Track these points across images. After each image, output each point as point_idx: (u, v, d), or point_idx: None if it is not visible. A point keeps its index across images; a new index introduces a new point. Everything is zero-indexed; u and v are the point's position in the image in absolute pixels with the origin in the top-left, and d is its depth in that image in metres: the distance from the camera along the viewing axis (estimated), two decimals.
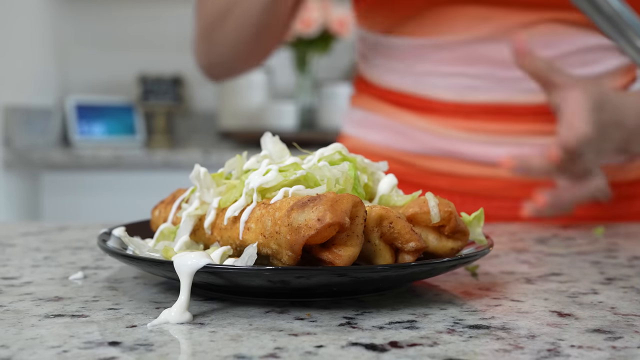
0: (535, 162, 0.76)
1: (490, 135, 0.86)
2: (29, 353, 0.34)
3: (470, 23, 0.84)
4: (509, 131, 0.86)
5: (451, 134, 0.87)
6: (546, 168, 0.76)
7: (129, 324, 0.39)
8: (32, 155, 2.09)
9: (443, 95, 0.88)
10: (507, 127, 0.86)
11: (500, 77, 0.85)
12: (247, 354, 0.34)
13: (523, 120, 0.86)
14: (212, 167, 0.53)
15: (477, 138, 0.87)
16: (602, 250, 0.65)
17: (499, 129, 0.86)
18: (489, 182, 0.87)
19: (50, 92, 2.44)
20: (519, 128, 0.86)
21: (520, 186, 0.86)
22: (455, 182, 0.88)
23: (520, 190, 0.86)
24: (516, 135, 0.86)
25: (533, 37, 0.83)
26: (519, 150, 0.85)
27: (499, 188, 0.87)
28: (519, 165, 0.76)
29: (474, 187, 0.87)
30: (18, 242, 0.68)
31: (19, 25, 2.20)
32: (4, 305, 0.43)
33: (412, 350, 0.35)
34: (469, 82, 0.86)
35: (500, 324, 0.40)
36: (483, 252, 0.47)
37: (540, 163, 0.76)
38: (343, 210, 0.40)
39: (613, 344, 0.36)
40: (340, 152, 0.50)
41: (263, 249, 0.43)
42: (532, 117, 0.86)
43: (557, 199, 0.76)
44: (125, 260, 0.45)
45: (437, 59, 0.87)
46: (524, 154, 0.78)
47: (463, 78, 0.86)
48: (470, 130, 0.87)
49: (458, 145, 0.87)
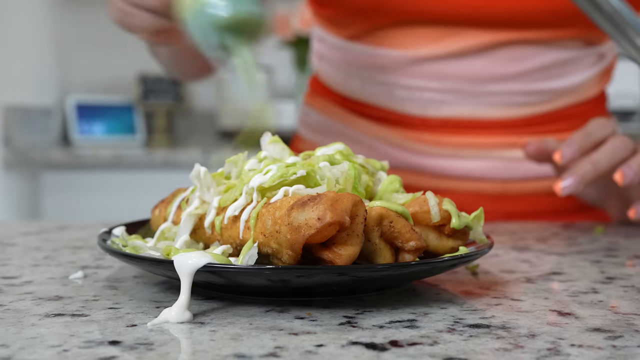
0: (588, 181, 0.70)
1: (457, 148, 0.85)
2: (29, 352, 0.34)
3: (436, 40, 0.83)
4: (476, 144, 0.85)
5: (417, 147, 0.86)
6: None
7: (129, 323, 0.39)
8: (32, 155, 2.09)
9: (406, 108, 0.86)
10: (473, 140, 0.85)
11: (467, 92, 0.84)
12: (247, 353, 0.34)
13: (490, 134, 0.85)
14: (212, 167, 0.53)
15: (443, 152, 0.85)
16: (602, 250, 0.65)
17: (465, 143, 0.85)
18: (457, 196, 0.85)
19: (51, 91, 2.44)
20: (486, 141, 0.85)
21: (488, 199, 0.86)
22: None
23: (489, 203, 0.85)
24: (483, 148, 0.85)
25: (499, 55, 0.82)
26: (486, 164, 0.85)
27: (466, 202, 0.85)
28: (572, 187, 0.69)
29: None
30: (18, 241, 0.68)
31: (19, 25, 2.20)
32: (4, 304, 0.43)
33: (412, 349, 0.35)
34: (434, 96, 0.85)
35: (501, 323, 0.40)
36: (483, 251, 0.47)
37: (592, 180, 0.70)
38: (343, 209, 0.40)
39: (613, 343, 0.36)
40: (341, 152, 0.50)
41: (263, 248, 0.43)
42: (499, 130, 0.85)
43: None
44: (126, 259, 0.45)
45: (401, 72, 0.85)
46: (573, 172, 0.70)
47: (427, 92, 0.85)
48: (436, 144, 0.85)
49: (424, 159, 0.86)
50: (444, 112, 0.85)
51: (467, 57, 0.83)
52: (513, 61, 0.83)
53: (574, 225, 0.81)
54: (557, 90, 0.85)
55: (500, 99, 0.84)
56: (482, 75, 0.83)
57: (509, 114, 0.85)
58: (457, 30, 0.82)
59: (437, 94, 0.85)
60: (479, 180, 0.86)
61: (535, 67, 0.84)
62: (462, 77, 0.84)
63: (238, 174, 0.51)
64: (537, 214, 0.87)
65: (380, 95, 0.87)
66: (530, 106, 0.85)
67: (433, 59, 0.84)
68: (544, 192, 0.87)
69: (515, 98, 0.84)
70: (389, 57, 0.85)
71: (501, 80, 0.83)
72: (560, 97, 0.86)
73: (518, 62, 0.83)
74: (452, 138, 0.85)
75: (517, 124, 0.85)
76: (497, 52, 0.83)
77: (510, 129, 0.85)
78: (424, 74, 0.84)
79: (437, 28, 0.83)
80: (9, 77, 2.12)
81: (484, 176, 0.85)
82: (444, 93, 0.84)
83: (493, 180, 0.85)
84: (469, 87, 0.84)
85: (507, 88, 0.84)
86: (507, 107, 0.84)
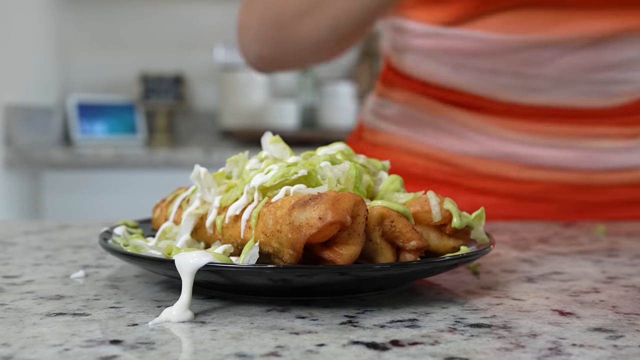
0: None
1: (548, 137, 0.83)
2: (30, 352, 0.34)
3: (546, 26, 0.79)
4: (565, 133, 0.83)
5: (509, 136, 0.84)
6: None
7: (131, 322, 0.39)
8: (33, 154, 2.09)
9: (502, 95, 0.83)
10: (565, 129, 0.83)
11: (565, 80, 0.81)
12: (248, 352, 0.34)
13: (580, 123, 0.83)
14: (213, 166, 0.53)
15: (534, 140, 0.83)
16: (603, 249, 0.65)
17: (556, 131, 0.83)
18: (539, 185, 0.84)
19: (52, 91, 2.45)
20: (575, 130, 0.83)
21: (570, 189, 0.85)
22: (508, 185, 0.85)
23: (570, 193, 0.84)
24: (574, 137, 0.83)
25: (606, 44, 0.79)
26: (573, 154, 0.83)
27: (553, 191, 0.84)
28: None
29: (528, 190, 0.84)
30: (19, 240, 0.68)
31: (21, 24, 2.20)
32: (6, 303, 0.43)
33: (413, 349, 0.35)
34: (531, 83, 0.82)
35: (502, 322, 0.40)
36: (484, 250, 0.47)
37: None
38: (344, 208, 0.40)
39: (614, 343, 0.36)
40: (342, 152, 0.50)
41: (264, 247, 0.43)
42: (590, 119, 0.83)
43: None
44: (127, 258, 0.45)
45: (499, 57, 0.81)
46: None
47: (525, 79, 0.82)
48: (528, 132, 0.83)
49: (516, 148, 0.84)
50: (540, 99, 0.82)
51: (579, 47, 0.79)
52: (611, 51, 0.80)
53: (575, 224, 0.81)
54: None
55: (598, 87, 0.81)
56: (588, 66, 0.80)
57: (603, 103, 0.83)
58: (571, 16, 0.79)
59: (534, 81, 0.81)
60: (567, 171, 0.84)
61: (630, 57, 0.81)
62: (567, 67, 0.80)
63: (239, 173, 0.51)
64: (616, 205, 0.86)
65: (476, 82, 0.84)
66: (624, 96, 0.83)
67: (532, 46, 0.80)
68: (626, 184, 0.85)
69: (609, 87, 0.82)
70: (486, 41, 0.81)
71: (603, 69, 0.81)
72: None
73: (616, 52, 0.80)
74: (544, 126, 0.83)
75: (609, 113, 0.83)
76: (611, 43, 0.79)
77: (603, 119, 0.83)
78: (522, 60, 0.81)
79: (549, 12, 0.79)
80: (10, 76, 2.12)
81: (569, 166, 0.84)
82: (543, 79, 0.81)
83: (580, 171, 0.84)
84: (570, 76, 0.81)
85: (606, 77, 0.82)
86: (603, 96, 0.82)
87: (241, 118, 2.45)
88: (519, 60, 0.81)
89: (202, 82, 2.62)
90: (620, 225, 0.81)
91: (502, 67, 0.82)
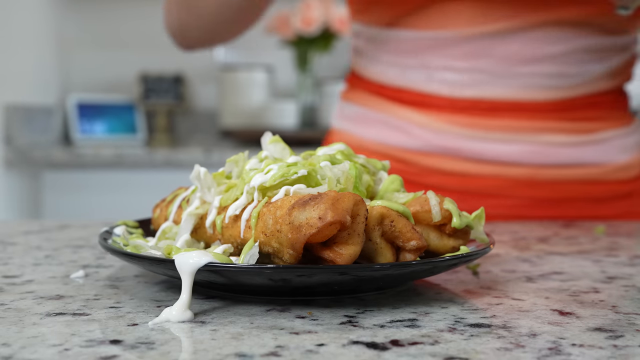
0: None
1: (490, 131, 0.86)
2: (30, 351, 0.34)
3: (475, 19, 0.84)
4: (509, 127, 0.85)
5: (452, 130, 0.86)
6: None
7: (130, 322, 0.39)
8: (33, 154, 2.09)
9: (444, 90, 0.87)
10: (507, 123, 0.85)
11: (502, 73, 0.85)
12: (248, 352, 0.34)
13: (524, 117, 0.85)
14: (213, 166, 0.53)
15: (477, 134, 0.86)
16: (603, 249, 0.65)
17: (499, 125, 0.85)
18: (490, 180, 0.86)
19: (52, 90, 2.45)
20: (520, 125, 0.85)
21: (522, 184, 0.86)
22: (455, 180, 0.87)
23: (522, 189, 0.86)
24: (516, 132, 0.85)
25: (532, 35, 0.83)
26: (519, 148, 0.85)
27: (500, 186, 0.86)
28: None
29: (475, 185, 0.87)
30: (19, 240, 0.68)
31: (21, 24, 2.20)
32: (6, 303, 0.43)
33: (413, 348, 0.35)
34: (470, 77, 0.85)
35: (502, 322, 0.40)
36: (484, 250, 0.47)
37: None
38: (344, 208, 0.40)
39: (614, 343, 0.36)
40: (342, 152, 0.50)
41: (264, 247, 0.43)
42: (533, 113, 0.85)
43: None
44: (127, 258, 0.45)
45: (439, 54, 0.86)
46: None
47: (464, 73, 0.85)
48: (470, 126, 0.86)
49: (458, 142, 0.86)
50: (480, 93, 0.85)
51: (504, 37, 0.83)
52: (547, 43, 0.83)
53: (575, 224, 0.81)
54: (587, 74, 0.85)
55: (534, 80, 0.84)
56: (515, 56, 0.84)
57: (543, 97, 0.85)
58: (493, 10, 0.83)
59: (473, 75, 0.85)
60: (511, 165, 0.86)
61: (575, 48, 0.84)
62: (496, 58, 0.84)
63: (239, 173, 0.51)
64: (566, 201, 0.87)
65: (420, 80, 0.88)
66: (563, 90, 0.85)
67: (468, 39, 0.84)
68: (572, 180, 0.87)
69: (548, 80, 0.85)
70: (425, 39, 0.86)
71: (536, 61, 0.84)
72: (591, 83, 0.86)
73: (558, 42, 0.83)
74: (485, 120, 0.86)
75: (550, 107, 0.85)
76: (531, 33, 0.83)
77: (544, 113, 0.85)
78: (460, 54, 0.85)
79: (472, 7, 0.83)
80: (10, 76, 2.12)
81: (516, 161, 0.85)
82: (480, 73, 0.85)
83: (525, 165, 0.86)
84: (502, 67, 0.84)
85: (542, 69, 0.84)
86: (541, 89, 0.84)
87: (241, 118, 2.45)
88: (454, 54, 0.85)
89: (202, 82, 2.62)
90: (620, 225, 0.81)
91: (439, 62, 0.86)
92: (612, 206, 0.89)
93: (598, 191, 0.88)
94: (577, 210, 0.87)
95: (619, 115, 0.89)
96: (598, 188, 0.88)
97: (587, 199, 0.88)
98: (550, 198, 0.87)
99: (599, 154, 0.87)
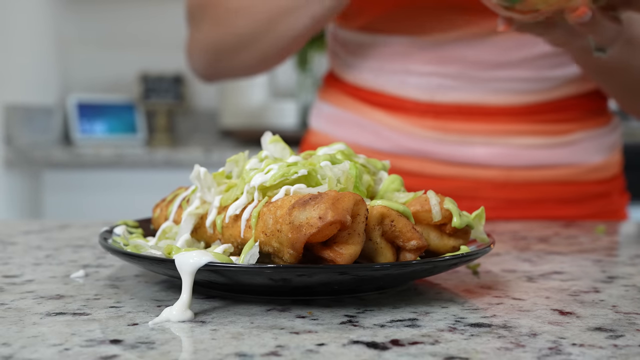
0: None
1: (462, 135, 0.86)
2: (31, 351, 0.34)
3: (445, 26, 0.84)
4: (481, 131, 0.86)
5: (422, 133, 0.87)
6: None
7: (131, 322, 0.39)
8: (33, 154, 2.09)
9: (415, 94, 0.87)
10: (478, 127, 0.86)
11: (473, 77, 0.85)
12: (248, 352, 0.34)
13: (495, 121, 0.86)
14: (213, 166, 0.53)
15: (449, 138, 0.86)
16: (603, 249, 0.65)
17: (471, 129, 0.86)
18: (460, 182, 0.87)
19: (52, 90, 2.45)
20: (491, 128, 0.86)
21: (496, 186, 0.86)
22: (425, 182, 0.87)
23: (491, 191, 0.86)
24: (488, 135, 0.86)
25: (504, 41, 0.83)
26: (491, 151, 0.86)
27: (474, 188, 0.87)
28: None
29: (445, 187, 0.87)
30: (19, 240, 0.68)
31: (21, 24, 2.20)
32: (6, 303, 0.43)
33: (413, 348, 0.35)
34: (441, 81, 0.86)
35: (502, 322, 0.40)
36: (484, 250, 0.47)
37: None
38: (344, 208, 0.40)
39: (614, 342, 0.36)
40: (342, 152, 0.50)
41: (264, 247, 0.43)
42: (504, 117, 0.86)
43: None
44: (127, 258, 0.45)
45: (410, 58, 0.87)
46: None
47: (435, 77, 0.86)
48: (442, 130, 0.87)
49: (429, 145, 0.87)
50: (450, 97, 0.86)
51: (473, 42, 0.84)
52: (518, 48, 0.84)
53: (575, 224, 0.81)
54: (559, 79, 0.86)
55: (505, 85, 0.85)
56: (487, 61, 0.84)
57: (513, 101, 0.85)
58: (464, 15, 0.83)
59: (444, 80, 0.86)
60: (484, 167, 0.86)
61: (541, 53, 0.85)
62: (467, 62, 0.85)
63: (239, 173, 0.51)
64: (540, 202, 0.88)
65: (392, 84, 0.89)
66: (534, 93, 0.86)
67: (440, 44, 0.85)
68: (547, 182, 0.87)
69: (519, 85, 0.85)
70: (398, 44, 0.87)
71: (506, 66, 0.85)
72: (563, 86, 0.87)
73: (522, 48, 0.84)
74: (457, 124, 0.86)
75: (521, 111, 0.86)
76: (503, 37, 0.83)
77: (515, 117, 0.86)
78: (431, 59, 0.86)
79: (444, 13, 0.84)
80: (10, 76, 2.12)
81: (489, 163, 0.86)
82: (451, 78, 0.86)
83: (497, 167, 0.86)
84: (474, 72, 0.85)
85: (512, 74, 0.85)
86: (511, 94, 0.85)
87: (241, 118, 2.45)
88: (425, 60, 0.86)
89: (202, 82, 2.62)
90: (620, 225, 0.81)
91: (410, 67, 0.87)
92: (587, 206, 0.90)
93: (572, 192, 0.89)
94: (552, 211, 0.88)
95: (594, 117, 0.90)
96: (572, 189, 0.88)
97: (562, 199, 0.88)
98: (524, 199, 0.87)
99: (573, 155, 0.88)
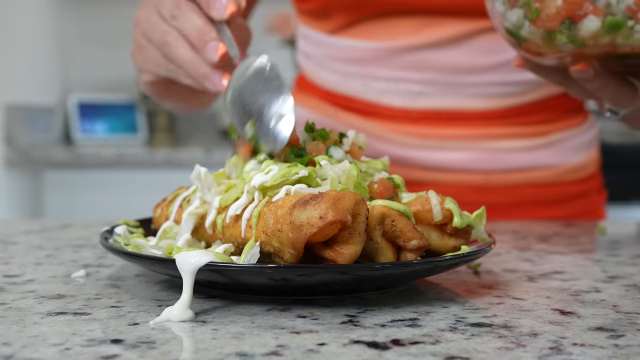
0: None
1: (440, 140, 0.86)
2: (32, 351, 0.34)
3: (417, 30, 0.84)
4: (458, 136, 0.86)
5: (399, 139, 0.87)
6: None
7: (131, 321, 0.39)
8: (34, 154, 2.09)
9: (391, 100, 0.87)
10: (456, 132, 0.86)
11: (448, 83, 0.85)
12: (249, 351, 0.34)
13: (472, 125, 0.86)
14: (214, 166, 0.53)
15: (427, 144, 0.86)
16: (604, 249, 0.65)
17: (449, 134, 0.86)
18: (439, 187, 0.85)
19: (53, 90, 2.45)
20: (468, 133, 0.86)
21: (475, 190, 0.86)
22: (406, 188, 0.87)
23: (471, 195, 0.86)
24: (465, 139, 0.86)
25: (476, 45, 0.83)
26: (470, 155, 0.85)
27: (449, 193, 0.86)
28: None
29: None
30: (20, 240, 0.68)
31: (22, 24, 2.20)
32: (7, 303, 0.43)
33: (414, 348, 0.35)
34: (417, 87, 0.86)
35: (503, 322, 0.40)
36: (485, 250, 0.47)
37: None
38: (345, 208, 0.40)
39: (615, 342, 0.36)
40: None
41: (265, 247, 0.43)
42: (481, 121, 0.86)
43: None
44: (128, 258, 0.45)
45: (385, 64, 0.86)
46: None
47: (411, 84, 0.86)
48: (420, 136, 0.86)
49: (406, 151, 0.87)
50: (425, 103, 0.86)
51: (446, 48, 0.84)
52: (490, 52, 0.84)
53: (576, 224, 0.81)
54: (532, 82, 0.86)
55: (480, 90, 0.85)
56: (460, 66, 0.84)
57: (489, 105, 0.85)
58: (436, 20, 0.83)
59: (416, 85, 0.86)
60: (462, 172, 0.86)
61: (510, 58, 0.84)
62: (441, 68, 0.84)
63: (239, 174, 0.51)
64: (519, 205, 0.88)
65: (359, 89, 0.88)
66: (510, 97, 0.86)
67: (412, 50, 0.84)
68: (526, 184, 0.87)
69: (494, 89, 0.85)
70: (368, 50, 0.86)
71: (480, 71, 0.84)
72: (538, 89, 0.87)
73: (495, 53, 0.84)
74: (434, 130, 0.86)
75: (498, 115, 0.86)
76: (474, 42, 0.83)
77: (492, 120, 0.86)
78: (402, 65, 0.85)
79: (416, 19, 0.83)
80: (11, 76, 2.13)
81: (467, 167, 0.86)
82: (423, 84, 0.85)
83: (476, 172, 0.86)
84: (448, 78, 0.85)
85: (486, 79, 0.85)
86: (487, 98, 0.85)
87: None
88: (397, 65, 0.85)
89: None
90: (620, 225, 0.81)
91: (382, 73, 0.86)
92: (568, 207, 0.90)
93: (553, 193, 0.89)
94: (533, 213, 0.88)
95: (571, 116, 0.90)
96: (552, 190, 0.88)
97: (542, 201, 0.88)
98: (504, 202, 0.87)
99: (552, 156, 0.88)
